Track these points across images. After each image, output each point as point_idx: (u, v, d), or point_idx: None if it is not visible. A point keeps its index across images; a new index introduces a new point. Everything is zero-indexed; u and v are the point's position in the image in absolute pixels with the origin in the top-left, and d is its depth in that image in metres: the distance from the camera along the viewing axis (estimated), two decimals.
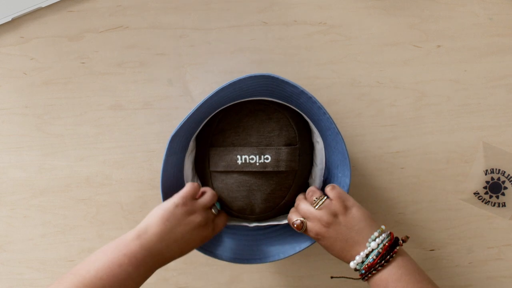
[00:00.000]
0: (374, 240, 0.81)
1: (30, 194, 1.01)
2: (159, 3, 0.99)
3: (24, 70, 1.00)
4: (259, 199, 0.89)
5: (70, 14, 0.99)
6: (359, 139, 1.00)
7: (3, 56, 0.99)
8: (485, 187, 1.01)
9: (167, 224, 0.81)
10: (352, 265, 0.82)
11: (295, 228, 0.85)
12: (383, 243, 0.81)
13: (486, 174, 1.01)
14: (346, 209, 0.83)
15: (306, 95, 0.84)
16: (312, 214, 0.84)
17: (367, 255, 0.81)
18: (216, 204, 0.88)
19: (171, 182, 0.88)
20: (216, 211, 0.88)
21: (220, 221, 0.88)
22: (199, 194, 0.87)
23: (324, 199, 0.84)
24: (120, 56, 1.00)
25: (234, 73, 1.00)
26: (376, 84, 1.00)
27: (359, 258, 0.81)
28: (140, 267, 0.78)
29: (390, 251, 0.80)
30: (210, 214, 0.86)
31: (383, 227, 0.83)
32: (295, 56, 1.00)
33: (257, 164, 0.88)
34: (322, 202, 0.84)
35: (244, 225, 0.92)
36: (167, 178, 0.87)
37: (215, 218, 0.88)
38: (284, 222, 0.91)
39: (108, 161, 1.01)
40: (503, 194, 1.01)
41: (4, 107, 1.00)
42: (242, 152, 0.89)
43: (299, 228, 0.85)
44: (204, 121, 0.91)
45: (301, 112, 0.91)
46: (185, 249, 0.83)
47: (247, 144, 0.89)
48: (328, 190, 0.85)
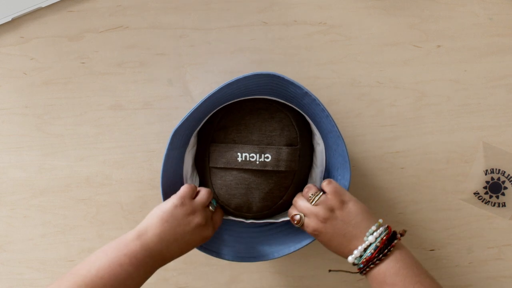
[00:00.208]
0: (372, 234, 0.81)
1: (30, 194, 1.01)
2: (159, 3, 0.99)
3: (24, 70, 1.00)
4: (257, 197, 0.89)
5: (70, 14, 0.99)
6: (360, 139, 1.00)
7: (3, 56, 0.99)
8: (485, 187, 1.01)
9: (166, 225, 0.81)
10: (350, 259, 0.81)
11: (294, 222, 0.85)
12: (380, 237, 0.80)
13: (486, 174, 1.01)
14: (343, 203, 0.83)
15: (310, 97, 0.84)
16: (309, 210, 0.84)
17: (365, 249, 0.80)
18: (212, 201, 0.89)
19: (170, 176, 0.88)
20: (213, 207, 0.88)
21: (217, 217, 0.89)
22: (196, 193, 0.87)
23: (320, 195, 0.84)
24: (120, 56, 1.00)
25: (234, 73, 1.00)
26: (376, 84, 1.00)
27: (357, 252, 0.81)
28: (140, 267, 0.78)
29: (388, 244, 0.80)
30: (209, 212, 0.86)
31: (380, 221, 0.82)
32: (295, 56, 1.00)
33: (257, 162, 0.88)
34: (318, 198, 0.84)
35: (240, 220, 0.92)
36: (167, 172, 0.87)
37: (213, 215, 0.88)
38: (281, 220, 0.91)
39: (108, 161, 1.01)
40: (503, 194, 1.01)
41: (4, 107, 1.00)
42: (243, 149, 0.89)
43: (297, 222, 0.85)
44: (205, 118, 0.91)
45: (303, 113, 0.91)
46: (185, 249, 0.83)
47: (248, 142, 0.89)
48: (324, 185, 0.85)
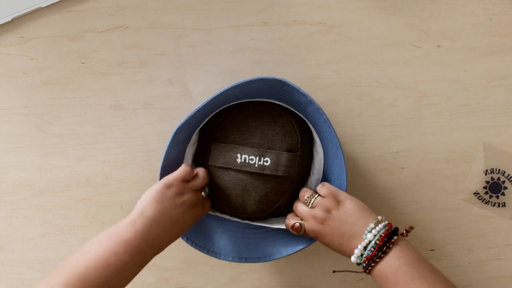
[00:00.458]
0: (370, 231, 0.80)
1: (30, 194, 1.01)
2: (159, 3, 0.99)
3: (24, 70, 1.00)
4: (252, 200, 0.89)
5: (70, 14, 0.99)
6: (359, 139, 1.00)
7: (3, 56, 0.99)
8: (485, 187, 1.01)
9: (160, 206, 0.80)
10: (353, 259, 0.81)
11: (295, 231, 0.85)
12: (379, 234, 0.80)
13: (486, 174, 1.01)
14: (339, 203, 0.83)
15: (314, 106, 0.84)
16: (307, 212, 0.84)
17: (365, 248, 0.80)
18: (205, 188, 0.89)
19: (170, 171, 0.88)
20: (205, 194, 0.88)
21: (207, 204, 0.89)
22: (192, 176, 0.87)
23: (316, 197, 0.85)
24: (120, 56, 1.00)
25: (234, 73, 1.00)
26: (376, 84, 1.00)
27: (357, 251, 0.80)
28: (135, 255, 0.77)
29: (388, 241, 0.79)
30: (200, 195, 0.87)
31: (379, 218, 0.82)
32: (295, 56, 1.00)
33: (255, 165, 0.88)
34: (314, 200, 0.84)
35: (235, 220, 0.92)
36: (166, 168, 0.87)
37: (203, 201, 0.88)
38: (276, 227, 0.91)
39: (108, 161, 1.01)
40: (503, 194, 1.01)
41: (4, 107, 1.00)
42: (243, 151, 0.89)
43: (298, 230, 0.85)
44: (207, 117, 0.91)
45: (306, 120, 0.91)
46: (179, 231, 0.83)
47: (248, 144, 0.89)
48: (319, 188, 0.85)
